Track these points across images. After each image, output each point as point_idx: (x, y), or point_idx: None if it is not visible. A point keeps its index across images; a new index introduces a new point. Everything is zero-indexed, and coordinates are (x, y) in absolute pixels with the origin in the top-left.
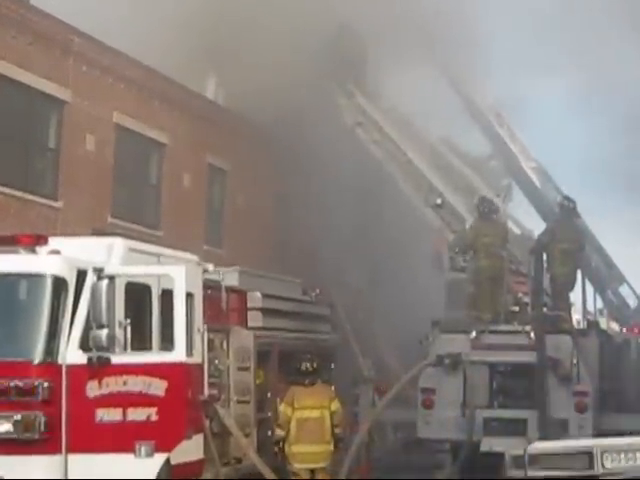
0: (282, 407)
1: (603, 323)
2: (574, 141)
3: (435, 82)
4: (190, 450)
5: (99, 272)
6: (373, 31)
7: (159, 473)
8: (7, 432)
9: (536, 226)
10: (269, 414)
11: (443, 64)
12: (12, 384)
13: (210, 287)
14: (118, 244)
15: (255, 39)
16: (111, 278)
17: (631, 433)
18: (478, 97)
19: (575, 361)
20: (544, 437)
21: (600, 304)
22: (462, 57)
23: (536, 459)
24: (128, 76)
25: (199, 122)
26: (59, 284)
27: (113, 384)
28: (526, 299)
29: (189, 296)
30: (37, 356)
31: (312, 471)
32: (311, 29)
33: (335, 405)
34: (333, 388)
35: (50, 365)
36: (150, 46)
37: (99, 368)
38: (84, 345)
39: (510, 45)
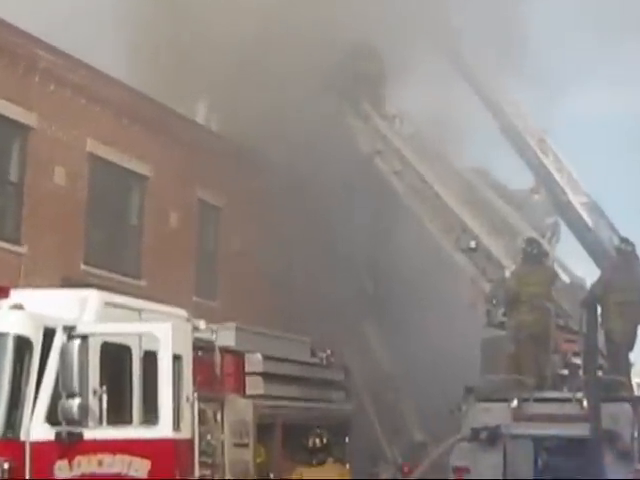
0: None
1: None
2: (633, 172)
3: (466, 102)
4: None
5: (70, 331)
6: (391, 45)
7: None
8: None
9: (588, 273)
10: None
11: (475, 80)
12: None
13: (201, 348)
14: (92, 297)
15: (254, 55)
16: (84, 338)
17: None
18: (518, 119)
19: (636, 434)
20: None
21: None
22: (497, 70)
23: None
24: (104, 96)
25: (188, 151)
26: (22, 345)
27: (86, 464)
28: (577, 360)
29: (176, 359)
30: None
31: None
32: (320, 45)
33: None
34: (347, 467)
35: (11, 442)
36: (131, 62)
37: (70, 445)
38: (52, 418)
39: (557, 55)
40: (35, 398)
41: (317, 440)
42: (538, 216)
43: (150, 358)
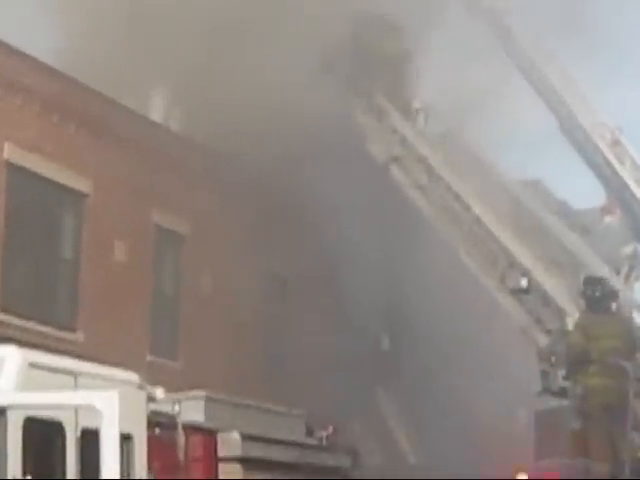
0: None
1: None
2: None
3: (516, 94)
4: None
5: None
6: (414, 15)
7: None
8: None
9: None
10: None
11: (528, 65)
12: None
13: (159, 424)
14: (11, 356)
15: (229, 32)
16: (1, 411)
17: None
18: (585, 115)
19: None
20: None
21: None
22: (558, 54)
23: None
24: (28, 87)
25: (140, 159)
26: None
27: None
28: None
29: (125, 439)
30: None
31: None
32: (320, 16)
33: None
34: None
35: None
36: (63, 44)
37: None
38: None
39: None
40: None
41: None
42: (612, 244)
43: (90, 438)
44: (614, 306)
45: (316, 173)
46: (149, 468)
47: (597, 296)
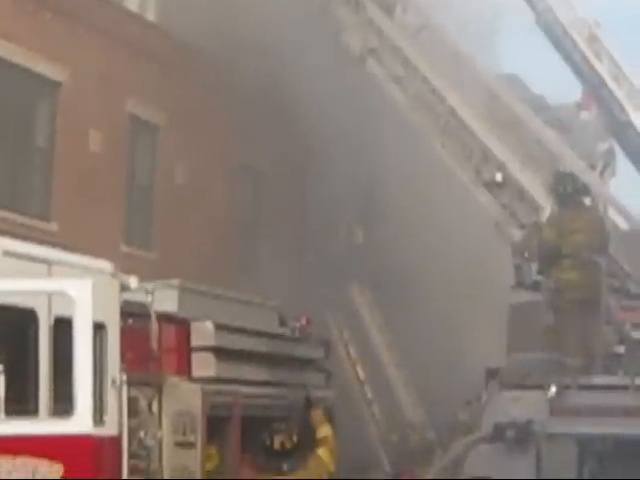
0: None
1: None
2: None
3: None
4: None
5: None
6: None
7: None
8: None
9: None
10: None
11: None
12: None
13: (132, 314)
14: None
15: None
16: None
17: None
18: (562, 10)
19: None
20: None
21: None
22: None
23: None
24: None
25: (116, 49)
26: None
27: None
28: (637, 335)
29: (99, 328)
30: None
31: None
32: None
33: None
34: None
35: None
36: None
37: None
38: None
39: None
40: None
41: (284, 440)
42: (587, 140)
43: (63, 327)
44: (587, 201)
45: (292, 66)
46: (121, 358)
47: (568, 191)
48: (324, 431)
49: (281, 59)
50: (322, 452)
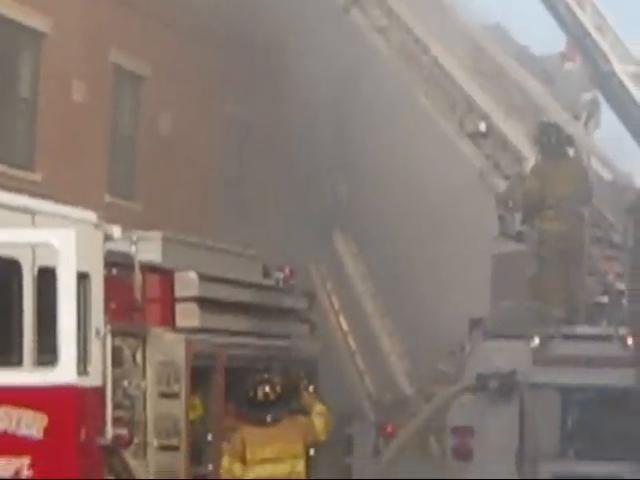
0: (225, 462)
1: None
2: None
3: None
4: None
5: None
6: None
7: None
8: None
9: (637, 168)
10: (210, 468)
11: None
12: None
13: (116, 264)
14: None
15: None
16: None
17: None
18: None
19: None
20: None
21: None
22: None
23: None
24: None
25: None
26: None
27: None
28: (621, 285)
29: (82, 278)
30: None
31: None
32: None
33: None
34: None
35: None
36: None
37: None
38: None
39: None
40: None
41: (268, 390)
42: (571, 91)
43: (46, 277)
44: (571, 152)
45: (277, 16)
46: (105, 308)
47: (552, 142)
48: (319, 408)
49: (266, 9)
50: (317, 421)
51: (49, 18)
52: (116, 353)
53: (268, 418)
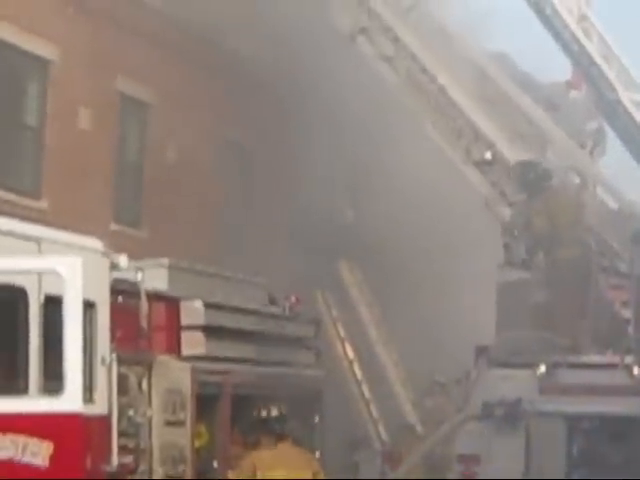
0: None
1: None
2: None
3: None
4: None
5: None
6: None
7: None
8: None
9: None
10: None
11: None
12: None
13: (122, 292)
14: None
15: None
16: None
17: None
18: None
19: None
20: None
21: None
22: None
23: None
24: None
25: (107, 27)
26: None
27: None
28: (627, 313)
29: (89, 306)
30: None
31: None
32: None
33: None
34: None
35: None
36: None
37: None
38: None
39: None
40: None
41: (273, 409)
42: (576, 119)
43: (52, 304)
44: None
45: (282, 44)
46: (111, 336)
47: (532, 179)
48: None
49: (271, 37)
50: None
51: (56, 46)
52: (122, 381)
53: (274, 436)
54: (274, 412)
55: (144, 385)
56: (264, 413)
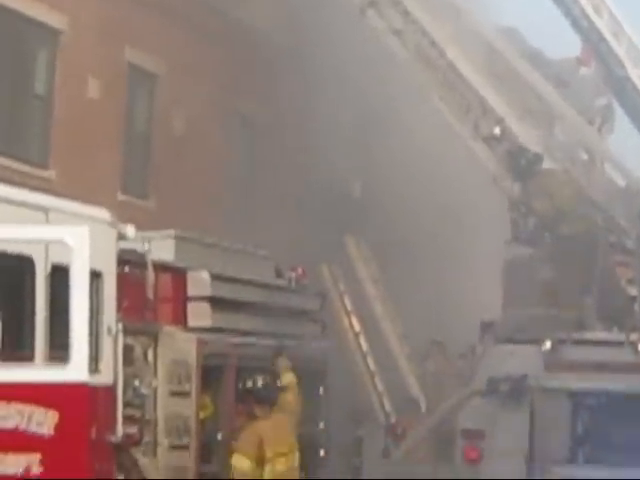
0: (241, 462)
1: None
2: None
3: None
4: None
5: None
6: None
7: None
8: None
9: None
10: (220, 467)
11: None
12: None
13: (129, 262)
14: None
15: None
16: None
17: None
18: None
19: None
20: None
21: None
22: None
23: None
24: None
25: None
26: None
27: None
28: (633, 290)
29: (95, 276)
30: None
31: None
32: None
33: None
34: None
35: None
36: None
37: None
38: None
39: None
40: None
41: (258, 379)
42: (585, 95)
43: (59, 274)
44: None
45: (292, 15)
46: (117, 306)
47: (523, 164)
48: (288, 377)
49: (281, 8)
50: (289, 396)
51: (65, 15)
52: (127, 351)
53: (267, 406)
54: (260, 382)
55: (150, 356)
56: (249, 383)
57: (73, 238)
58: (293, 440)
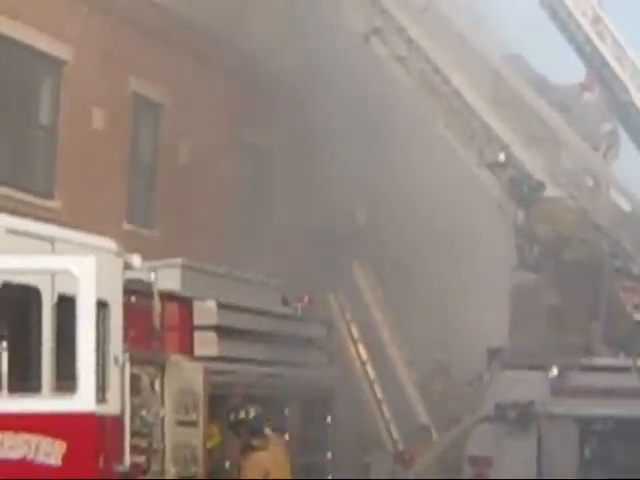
0: None
1: None
2: None
3: None
4: None
5: None
6: None
7: None
8: None
9: None
10: None
11: None
12: None
13: (135, 292)
14: None
15: None
16: None
17: None
18: None
19: None
20: None
21: None
22: None
23: None
24: None
25: (120, 27)
26: None
27: None
28: (639, 316)
29: (102, 306)
30: None
31: None
32: None
33: None
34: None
35: None
36: None
37: None
38: None
39: None
40: None
41: (251, 409)
42: (590, 121)
43: (66, 304)
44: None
45: (296, 44)
46: (124, 336)
47: (525, 191)
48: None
49: (285, 38)
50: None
51: (69, 46)
52: (134, 381)
53: (263, 437)
54: (252, 413)
55: (157, 385)
56: (242, 414)
57: (79, 268)
58: (289, 472)
